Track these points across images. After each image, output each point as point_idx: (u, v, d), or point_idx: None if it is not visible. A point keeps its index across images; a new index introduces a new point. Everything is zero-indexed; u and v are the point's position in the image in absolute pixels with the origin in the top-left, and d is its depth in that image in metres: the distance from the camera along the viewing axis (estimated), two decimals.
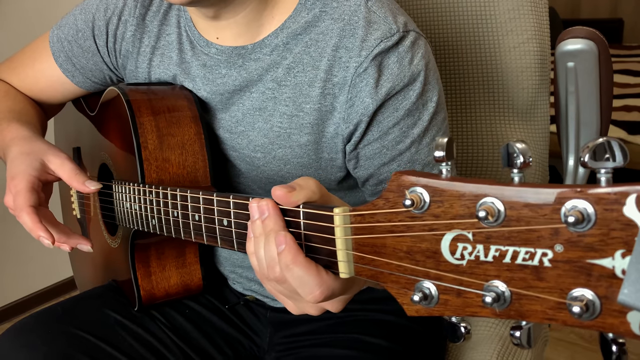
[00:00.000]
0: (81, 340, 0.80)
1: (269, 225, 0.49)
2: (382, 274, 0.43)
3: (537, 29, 0.92)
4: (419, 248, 0.40)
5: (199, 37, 0.80)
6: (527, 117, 0.96)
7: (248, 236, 0.52)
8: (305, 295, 0.46)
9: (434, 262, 0.40)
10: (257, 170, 0.80)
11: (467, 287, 0.38)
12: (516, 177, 0.37)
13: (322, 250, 0.46)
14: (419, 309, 0.41)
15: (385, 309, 0.84)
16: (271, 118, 0.76)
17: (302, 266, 0.45)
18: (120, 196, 0.81)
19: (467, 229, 0.38)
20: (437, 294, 0.40)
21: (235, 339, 0.90)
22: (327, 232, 0.45)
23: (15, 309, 2.12)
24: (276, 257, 0.47)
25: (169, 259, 0.85)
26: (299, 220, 0.48)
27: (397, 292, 0.42)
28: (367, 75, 0.69)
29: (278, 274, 0.47)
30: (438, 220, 0.39)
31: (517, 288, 0.36)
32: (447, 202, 0.38)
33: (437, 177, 0.39)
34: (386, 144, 0.72)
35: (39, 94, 0.95)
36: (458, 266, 0.39)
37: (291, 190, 0.48)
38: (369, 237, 0.43)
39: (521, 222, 0.36)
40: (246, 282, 0.90)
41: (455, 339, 0.41)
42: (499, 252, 0.37)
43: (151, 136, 0.78)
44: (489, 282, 0.37)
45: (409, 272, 0.41)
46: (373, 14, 0.71)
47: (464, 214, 0.38)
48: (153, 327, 0.85)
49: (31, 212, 0.73)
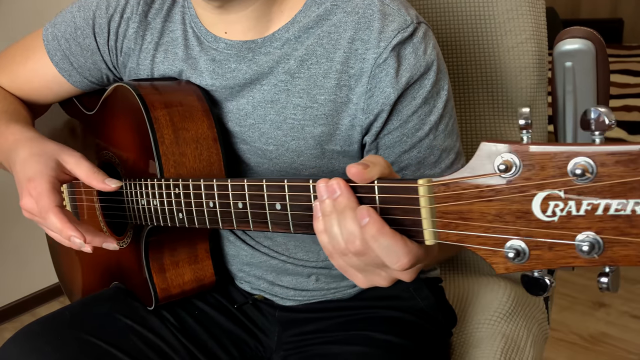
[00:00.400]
0: (92, 347, 0.79)
1: (342, 203, 0.51)
2: (468, 238, 0.46)
3: (535, 29, 0.98)
4: (509, 210, 0.44)
5: (206, 33, 0.81)
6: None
7: (315, 215, 0.54)
8: (393, 264, 0.49)
9: (525, 221, 0.43)
10: (269, 163, 0.81)
11: (559, 240, 0.42)
12: (597, 139, 0.42)
13: (404, 221, 0.49)
14: (509, 266, 0.45)
15: (393, 306, 0.87)
16: (284, 110, 0.78)
17: (389, 236, 0.48)
18: (133, 193, 0.80)
19: (558, 187, 0.42)
20: (528, 250, 0.44)
21: (242, 339, 0.90)
22: (410, 203, 0.48)
23: (15, 309, 2.09)
24: (356, 231, 0.50)
25: (181, 255, 0.85)
26: (374, 195, 0.51)
27: (485, 253, 0.46)
28: (387, 66, 0.72)
29: (359, 247, 0.50)
30: (529, 182, 0.43)
31: (610, 236, 0.40)
32: (538, 164, 0.42)
33: (523, 144, 0.43)
34: (406, 132, 0.75)
35: (31, 94, 0.92)
36: (549, 222, 0.42)
37: (366, 167, 0.50)
38: (454, 204, 0.46)
39: (613, 177, 0.40)
40: (255, 281, 0.90)
41: (540, 291, 0.45)
42: (591, 206, 0.41)
43: (167, 131, 0.78)
44: (581, 234, 0.41)
45: (499, 232, 0.44)
46: (387, 6, 0.74)
47: (555, 174, 0.42)
48: (163, 330, 0.84)
49: (58, 212, 0.71)
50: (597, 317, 1.94)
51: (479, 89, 1.03)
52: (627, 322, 1.90)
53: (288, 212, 0.59)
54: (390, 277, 0.53)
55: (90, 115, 0.92)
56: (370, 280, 0.54)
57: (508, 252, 0.44)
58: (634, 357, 1.75)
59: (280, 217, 0.60)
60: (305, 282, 0.88)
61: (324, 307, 0.88)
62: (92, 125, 0.91)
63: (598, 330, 1.87)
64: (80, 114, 0.94)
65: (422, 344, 0.83)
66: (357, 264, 0.52)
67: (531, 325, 1.01)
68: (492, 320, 0.98)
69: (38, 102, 0.93)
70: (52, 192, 0.72)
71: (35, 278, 2.14)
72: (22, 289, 2.15)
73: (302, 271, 0.87)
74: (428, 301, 0.88)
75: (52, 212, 0.71)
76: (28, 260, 2.09)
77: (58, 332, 0.80)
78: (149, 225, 0.80)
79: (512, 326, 0.97)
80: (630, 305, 1.97)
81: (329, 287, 0.88)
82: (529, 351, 0.95)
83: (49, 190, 0.72)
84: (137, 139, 0.81)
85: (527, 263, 0.44)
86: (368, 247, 0.49)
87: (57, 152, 0.76)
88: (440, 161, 0.78)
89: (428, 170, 0.77)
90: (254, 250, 0.88)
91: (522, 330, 0.98)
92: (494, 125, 1.04)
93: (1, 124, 0.83)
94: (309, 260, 0.86)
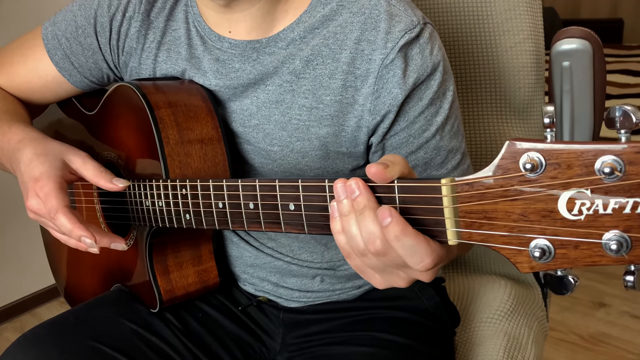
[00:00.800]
0: (97, 352, 0.77)
1: (361, 203, 0.50)
2: (492, 237, 0.46)
3: (533, 29, 0.98)
4: (534, 209, 0.44)
5: (210, 32, 0.80)
6: (523, 116, 1.02)
7: (332, 216, 0.53)
8: (416, 265, 0.48)
9: (550, 220, 0.43)
10: (273, 164, 0.80)
11: (586, 238, 0.42)
12: (623, 137, 0.42)
13: (426, 221, 0.48)
14: (534, 266, 0.45)
15: (398, 306, 0.87)
16: (289, 111, 0.77)
17: (412, 236, 0.47)
18: (137, 194, 0.79)
19: (585, 186, 0.42)
20: (554, 249, 0.43)
21: (246, 341, 0.89)
22: (433, 203, 0.48)
23: (15, 309, 2.09)
24: (377, 231, 0.49)
25: (185, 256, 0.84)
26: (394, 195, 0.50)
27: (509, 252, 0.45)
28: (394, 67, 0.72)
29: (380, 247, 0.49)
30: (555, 180, 0.43)
31: (639, 234, 0.40)
32: (564, 163, 0.42)
33: (548, 142, 0.43)
34: (413, 132, 0.75)
35: (30, 93, 0.90)
36: (575, 221, 0.42)
37: (386, 166, 0.50)
38: (478, 204, 0.46)
39: None
40: (259, 282, 0.90)
41: (564, 290, 0.45)
42: (619, 205, 0.41)
43: (172, 131, 0.77)
44: (608, 233, 0.41)
45: (524, 232, 0.44)
46: (393, 7, 0.74)
47: (582, 173, 0.42)
48: (167, 333, 0.83)
49: (68, 212, 0.70)
50: (597, 317, 1.94)
51: (476, 88, 1.03)
52: (627, 322, 1.91)
53: (302, 212, 0.58)
54: (409, 277, 0.53)
55: (90, 116, 0.90)
56: (388, 280, 0.54)
57: (533, 251, 0.44)
58: (634, 357, 1.76)
59: (294, 217, 0.59)
60: (310, 284, 0.87)
61: (329, 308, 0.88)
62: (93, 126, 0.90)
63: (598, 330, 1.88)
64: (80, 114, 0.93)
65: (428, 344, 0.83)
66: (376, 264, 0.52)
67: (532, 323, 1.02)
68: (494, 318, 0.98)
69: (37, 102, 0.92)
70: (59, 192, 0.71)
71: (35, 278, 2.13)
72: (22, 289, 2.14)
73: (306, 272, 0.86)
74: (432, 301, 0.88)
75: (62, 212, 0.70)
76: (28, 260, 2.08)
77: (63, 337, 0.79)
78: (152, 227, 0.79)
79: (513, 324, 0.98)
80: (630, 305, 1.98)
81: (334, 288, 0.88)
82: (531, 348, 0.96)
83: (56, 190, 0.71)
84: (140, 139, 0.80)
85: (552, 262, 0.44)
86: (390, 247, 0.49)
87: (62, 152, 0.75)
88: (447, 162, 0.78)
89: (434, 171, 0.77)
90: (258, 251, 0.87)
91: (524, 327, 0.99)
92: (492, 125, 1.05)
93: (2, 124, 0.81)
94: (314, 262, 0.86)
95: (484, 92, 1.04)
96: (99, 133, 0.89)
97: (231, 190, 0.65)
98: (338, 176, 0.82)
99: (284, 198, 0.59)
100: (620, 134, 0.42)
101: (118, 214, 0.85)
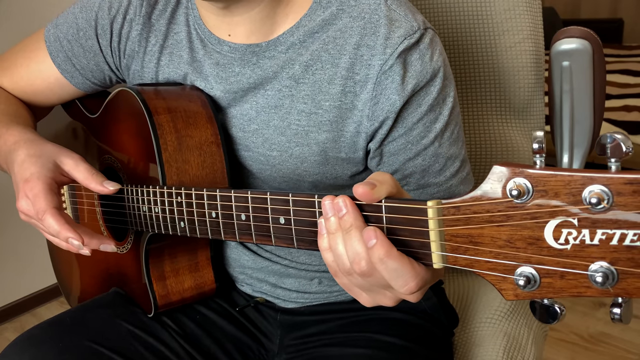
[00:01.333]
0: (94, 353, 0.78)
1: (348, 222, 0.50)
2: (478, 262, 0.45)
3: (532, 29, 0.97)
4: (520, 236, 0.43)
5: (210, 35, 0.79)
6: (523, 116, 1.01)
7: (320, 232, 0.52)
8: (400, 287, 0.47)
9: (536, 248, 0.42)
10: (271, 170, 0.80)
11: (572, 269, 0.41)
12: (613, 165, 0.40)
13: (412, 243, 0.48)
14: (519, 294, 0.44)
15: (395, 308, 0.84)
16: (288, 116, 0.76)
17: (397, 259, 0.47)
18: (135, 199, 0.79)
19: (572, 215, 0.40)
20: (539, 277, 0.42)
21: (245, 343, 0.89)
22: (419, 225, 0.47)
23: (15, 309, 2.10)
24: (362, 252, 0.48)
25: (182, 262, 0.84)
26: (381, 215, 0.49)
27: (495, 279, 0.44)
28: (393, 73, 0.71)
29: (365, 268, 0.48)
30: (541, 208, 0.41)
31: (625, 267, 0.39)
32: (551, 190, 0.41)
33: (536, 168, 0.42)
34: (411, 139, 0.74)
35: (33, 96, 0.91)
36: (562, 251, 0.41)
37: (373, 186, 0.49)
38: (464, 228, 0.45)
39: (629, 207, 0.39)
40: (256, 283, 0.90)
41: (551, 319, 0.44)
42: (606, 236, 0.40)
43: (170, 137, 0.77)
44: (594, 264, 0.40)
45: (509, 259, 0.43)
46: (393, 12, 0.73)
47: (569, 201, 0.40)
48: (164, 335, 0.84)
49: (55, 213, 0.70)
50: (597, 317, 1.93)
51: (476, 88, 1.02)
52: None
53: (292, 226, 0.58)
54: (395, 297, 0.52)
55: (92, 119, 0.90)
56: (375, 299, 0.53)
57: (518, 279, 0.43)
58: (634, 357, 1.75)
59: (284, 231, 0.59)
60: (307, 285, 0.87)
61: (326, 310, 0.88)
62: (95, 129, 0.90)
63: (598, 330, 1.87)
64: (83, 116, 0.93)
65: (425, 345, 0.83)
66: (362, 283, 0.51)
67: (531, 323, 1.02)
68: (494, 319, 0.98)
69: (40, 104, 0.92)
70: (48, 194, 0.71)
71: (35, 278, 2.15)
72: (22, 289, 2.16)
73: (304, 275, 0.86)
74: (430, 302, 0.88)
75: (49, 213, 0.70)
76: (28, 260, 2.09)
77: (59, 338, 0.79)
78: (150, 232, 0.79)
79: (513, 324, 0.97)
80: None
81: (331, 289, 0.87)
82: (530, 349, 0.96)
83: (45, 191, 0.71)
84: (139, 144, 0.79)
85: (538, 291, 0.43)
86: (374, 269, 0.48)
87: (55, 154, 0.75)
88: (445, 169, 0.77)
89: (432, 178, 0.76)
90: (255, 255, 0.87)
91: (523, 328, 0.98)
92: (491, 125, 1.04)
93: (2, 125, 0.82)
94: (312, 264, 0.85)
95: (483, 92, 1.03)
96: (100, 136, 0.89)
97: (224, 200, 0.65)
98: (337, 182, 0.81)
99: (274, 211, 0.59)
100: (611, 162, 0.40)
101: (117, 218, 0.85)
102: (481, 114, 1.03)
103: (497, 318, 0.97)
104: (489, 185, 0.43)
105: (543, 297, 0.43)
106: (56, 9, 0.90)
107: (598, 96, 0.88)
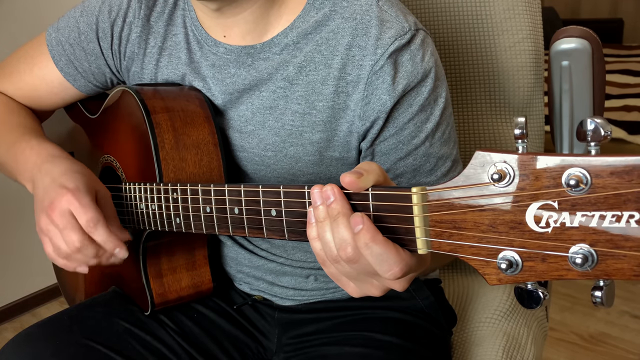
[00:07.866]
0: (91, 351, 0.78)
1: (335, 209, 0.50)
2: (461, 247, 0.45)
3: (532, 29, 0.98)
4: (503, 220, 0.43)
5: (207, 37, 0.81)
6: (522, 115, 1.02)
7: (309, 222, 0.53)
8: (384, 273, 0.48)
9: (518, 232, 0.43)
10: (266, 170, 0.81)
11: (553, 252, 0.41)
12: (593, 149, 0.41)
13: (397, 229, 0.48)
14: (501, 278, 0.44)
15: (393, 306, 0.86)
16: (283, 116, 0.78)
17: (382, 244, 0.47)
18: (133, 197, 0.80)
19: (552, 198, 0.41)
20: (522, 261, 0.43)
21: (243, 341, 0.89)
22: (404, 212, 0.47)
23: (15, 309, 2.11)
24: (348, 238, 0.49)
25: (179, 261, 0.84)
26: (367, 203, 0.50)
27: (478, 264, 0.45)
28: (384, 73, 0.72)
29: (351, 254, 0.49)
30: (523, 192, 0.42)
31: (604, 248, 0.40)
32: (532, 174, 0.42)
33: (517, 153, 0.43)
34: (402, 139, 0.75)
35: (38, 100, 0.92)
36: (543, 234, 0.42)
37: (359, 175, 0.50)
38: (447, 213, 0.46)
39: (607, 188, 0.39)
40: (254, 282, 0.90)
41: (534, 304, 0.44)
42: (585, 218, 0.40)
43: (168, 135, 0.78)
44: (574, 246, 0.41)
45: (492, 243, 0.44)
46: (385, 12, 0.74)
47: (550, 185, 0.41)
48: (162, 333, 0.84)
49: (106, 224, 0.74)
50: (597, 317, 1.93)
51: (475, 88, 1.03)
52: (627, 322, 1.90)
53: (283, 218, 0.58)
54: (382, 286, 0.52)
55: (92, 119, 0.92)
56: (362, 289, 0.53)
57: (500, 262, 0.43)
58: (634, 357, 1.75)
59: (275, 223, 0.59)
60: (304, 282, 0.87)
61: (324, 307, 0.88)
62: (95, 129, 0.92)
63: (598, 330, 1.87)
64: (84, 117, 0.95)
65: (422, 344, 0.83)
66: (349, 272, 0.52)
67: (531, 323, 1.01)
68: (493, 318, 0.98)
69: (45, 108, 0.94)
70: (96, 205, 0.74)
71: (35, 278, 2.16)
72: (22, 289, 2.17)
73: (300, 272, 0.87)
74: (428, 301, 0.88)
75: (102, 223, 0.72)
76: (28, 261, 2.11)
77: (57, 336, 0.80)
78: (147, 230, 0.80)
79: (512, 324, 0.97)
80: (630, 305, 1.97)
81: (327, 286, 0.88)
82: (530, 349, 0.95)
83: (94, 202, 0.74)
84: (137, 142, 0.81)
85: (520, 274, 0.43)
86: (360, 255, 0.49)
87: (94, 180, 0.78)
88: (436, 169, 0.77)
89: (424, 178, 0.77)
90: (251, 254, 0.87)
91: (523, 328, 0.98)
92: (490, 125, 1.04)
93: (21, 139, 0.83)
94: (307, 261, 0.86)
95: (482, 92, 1.03)
96: (100, 136, 0.90)
97: (218, 195, 0.66)
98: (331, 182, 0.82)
99: (266, 204, 0.60)
100: (590, 146, 0.41)
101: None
102: (480, 113, 1.03)
103: (496, 318, 0.97)
104: (471, 170, 0.44)
105: (526, 281, 0.44)
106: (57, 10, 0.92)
107: (597, 95, 0.88)
